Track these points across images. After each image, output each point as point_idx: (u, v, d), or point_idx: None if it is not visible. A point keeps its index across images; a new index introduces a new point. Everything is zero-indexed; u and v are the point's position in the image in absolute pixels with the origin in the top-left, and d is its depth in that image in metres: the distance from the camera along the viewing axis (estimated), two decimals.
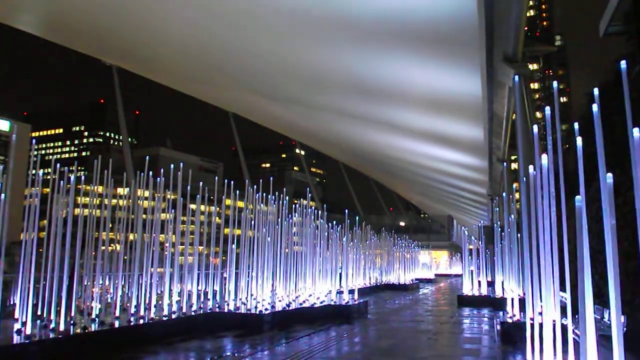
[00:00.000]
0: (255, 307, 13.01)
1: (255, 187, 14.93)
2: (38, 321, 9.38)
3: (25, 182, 10.14)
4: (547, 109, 6.39)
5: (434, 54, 15.55)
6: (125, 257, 12.47)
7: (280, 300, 14.40)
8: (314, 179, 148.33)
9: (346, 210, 19.87)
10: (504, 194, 13.80)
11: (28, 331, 8.43)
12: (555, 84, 7.73)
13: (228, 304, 13.43)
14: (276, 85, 24.79)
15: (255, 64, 21.06)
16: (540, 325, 6.20)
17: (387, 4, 13.10)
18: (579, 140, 5.51)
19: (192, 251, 14.24)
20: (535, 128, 6.97)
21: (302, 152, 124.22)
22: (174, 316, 11.51)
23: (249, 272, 14.10)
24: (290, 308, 13.87)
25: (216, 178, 14.94)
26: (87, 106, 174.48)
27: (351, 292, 17.70)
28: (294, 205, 17.47)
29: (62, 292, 9.88)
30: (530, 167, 6.95)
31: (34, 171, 10.17)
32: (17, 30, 22.75)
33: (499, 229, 16.73)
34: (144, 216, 12.34)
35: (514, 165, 35.03)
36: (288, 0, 14.65)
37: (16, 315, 9.21)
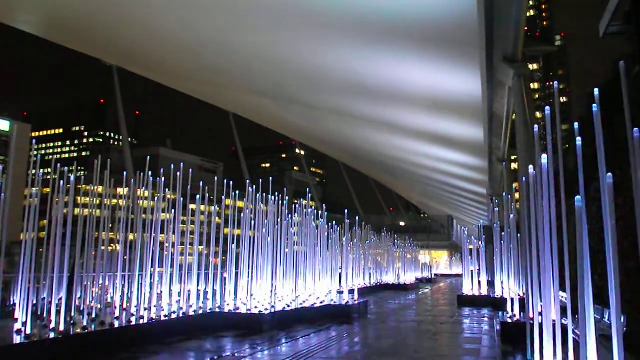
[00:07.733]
0: (256, 307, 13.00)
1: (255, 187, 14.92)
2: (38, 321, 9.38)
3: (25, 182, 10.15)
4: (547, 109, 6.40)
5: (434, 54, 15.56)
6: (125, 257, 12.46)
7: (280, 300, 14.39)
8: (314, 179, 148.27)
9: (346, 210, 19.84)
10: (504, 194, 13.79)
11: (28, 331, 8.43)
12: (555, 84, 7.75)
13: (228, 304, 13.42)
14: (276, 85, 24.79)
15: (256, 64, 21.07)
16: (540, 325, 6.20)
17: (387, 5, 13.10)
18: (579, 140, 5.51)
19: (192, 251, 14.23)
20: (536, 128, 6.97)
21: (302, 152, 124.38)
22: (174, 316, 11.50)
23: (249, 272, 14.09)
24: (291, 308, 13.85)
25: (216, 178, 14.93)
26: (87, 106, 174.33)
27: (351, 292, 17.69)
28: (294, 205, 17.45)
29: (62, 292, 9.88)
30: (530, 167, 6.95)
31: (34, 171, 10.17)
32: (17, 30, 22.75)
33: (499, 229, 16.71)
34: (144, 216, 12.33)
35: (514, 165, 35.04)
36: (288, 1, 14.66)
37: (16, 315, 9.20)
